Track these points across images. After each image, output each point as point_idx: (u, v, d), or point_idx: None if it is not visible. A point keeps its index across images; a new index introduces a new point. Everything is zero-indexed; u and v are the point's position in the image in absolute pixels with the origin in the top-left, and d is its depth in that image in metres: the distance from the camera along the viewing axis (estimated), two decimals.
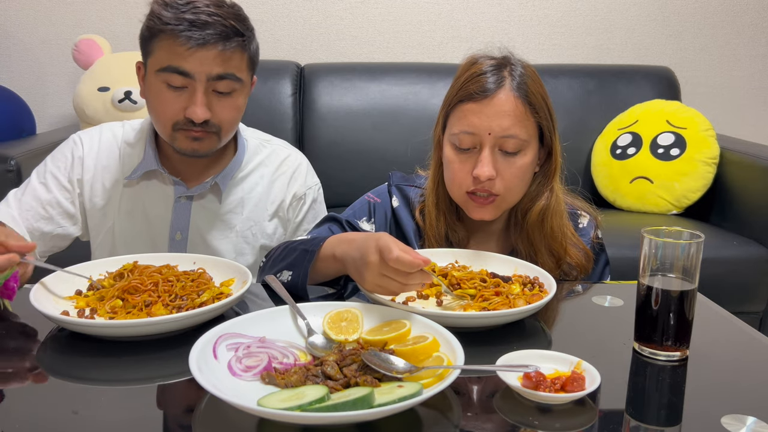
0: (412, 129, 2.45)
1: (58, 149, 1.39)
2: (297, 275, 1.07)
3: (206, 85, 1.21)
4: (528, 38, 2.91)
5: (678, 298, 0.86)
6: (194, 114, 1.20)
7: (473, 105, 1.14)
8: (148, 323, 0.88)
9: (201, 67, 1.19)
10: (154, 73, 1.22)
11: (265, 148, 1.45)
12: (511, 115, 1.12)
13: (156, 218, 1.35)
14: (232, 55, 1.21)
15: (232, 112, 1.27)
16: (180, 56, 1.18)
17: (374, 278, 0.94)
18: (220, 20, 1.19)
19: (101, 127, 1.41)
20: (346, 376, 0.77)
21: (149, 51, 1.23)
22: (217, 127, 1.25)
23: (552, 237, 1.21)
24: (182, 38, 1.17)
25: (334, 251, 1.05)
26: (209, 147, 1.27)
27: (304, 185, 1.45)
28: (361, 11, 2.84)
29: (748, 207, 2.23)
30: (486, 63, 1.17)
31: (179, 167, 1.35)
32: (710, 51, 2.98)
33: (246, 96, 1.30)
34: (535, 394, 0.74)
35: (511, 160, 1.15)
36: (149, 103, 1.26)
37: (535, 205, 1.21)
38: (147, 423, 0.73)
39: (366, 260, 0.94)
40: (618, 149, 2.48)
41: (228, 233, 1.38)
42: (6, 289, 0.98)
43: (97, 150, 1.37)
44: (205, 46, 1.18)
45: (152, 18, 1.21)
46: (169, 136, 1.26)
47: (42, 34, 2.76)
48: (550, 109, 1.18)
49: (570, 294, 1.17)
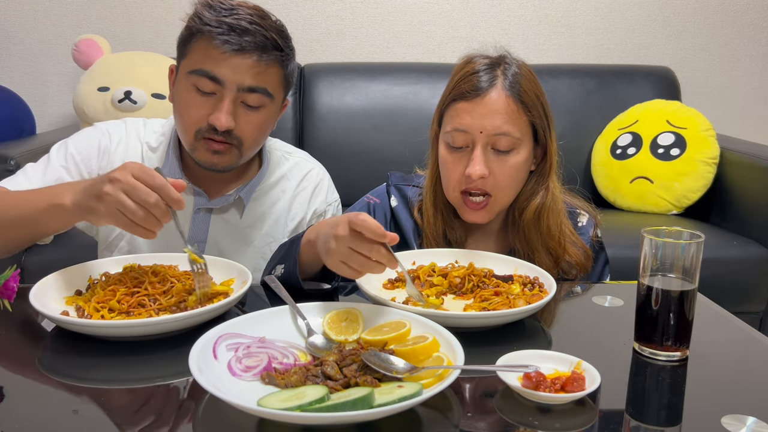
0: (412, 129, 2.45)
1: (82, 134, 1.33)
2: (288, 266, 1.07)
3: (236, 95, 1.17)
4: (528, 38, 2.91)
5: (678, 298, 0.86)
6: (218, 121, 1.16)
7: (465, 104, 1.14)
8: (148, 323, 0.88)
9: (233, 75, 1.15)
10: (185, 75, 1.18)
11: (288, 160, 1.41)
12: (503, 114, 1.13)
13: (173, 228, 1.32)
14: (268, 69, 1.18)
15: (257, 129, 1.22)
16: (214, 60, 1.15)
17: (340, 249, 0.91)
18: (260, 30, 1.16)
19: (125, 122, 1.36)
20: (346, 376, 0.77)
21: (185, 52, 1.20)
22: (239, 140, 1.20)
23: (549, 235, 1.21)
24: (219, 41, 1.14)
25: (310, 235, 1.05)
26: (229, 162, 1.23)
27: (325, 202, 1.42)
28: (362, 11, 2.84)
29: (748, 207, 2.23)
30: (480, 62, 1.17)
31: (202, 177, 1.30)
32: (710, 51, 2.98)
33: (274, 116, 1.26)
34: (535, 394, 0.74)
35: (504, 159, 1.15)
36: (175, 106, 1.23)
37: (530, 203, 1.21)
38: (147, 423, 0.73)
39: (334, 232, 0.92)
40: (618, 149, 2.48)
41: (246, 248, 1.34)
42: (6, 289, 0.98)
43: (125, 147, 1.32)
44: (241, 53, 1.14)
45: (193, 18, 1.18)
46: (190, 145, 1.22)
47: (42, 34, 2.76)
48: (545, 107, 1.18)
49: (570, 294, 1.17)
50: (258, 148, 1.29)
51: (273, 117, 1.26)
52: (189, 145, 1.23)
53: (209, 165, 1.22)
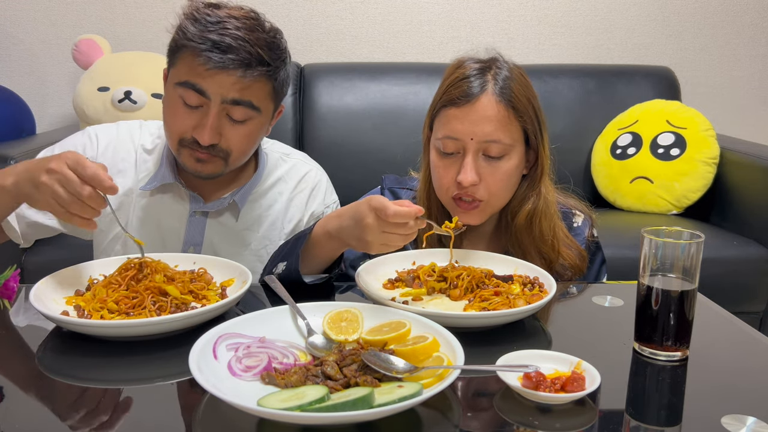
0: (412, 129, 2.44)
1: (69, 140, 1.33)
2: (290, 263, 1.07)
3: (220, 108, 1.16)
4: (528, 38, 2.91)
5: (678, 298, 0.86)
6: (201, 137, 1.16)
7: (456, 110, 1.14)
8: (148, 323, 0.88)
9: (218, 89, 1.14)
10: (173, 86, 1.18)
11: (285, 162, 1.40)
12: (494, 121, 1.12)
13: (169, 231, 1.31)
14: (252, 84, 1.16)
15: (244, 140, 1.21)
16: (198, 75, 1.14)
17: (377, 238, 0.96)
18: (245, 46, 1.13)
19: (118, 125, 1.36)
20: (346, 376, 0.77)
21: (172, 62, 1.20)
22: (225, 152, 1.20)
23: (542, 240, 1.20)
24: (202, 58, 1.13)
25: (327, 229, 1.06)
26: (213, 170, 1.22)
27: (323, 204, 1.41)
28: (362, 11, 2.84)
29: (748, 207, 2.23)
30: (471, 67, 1.16)
31: (196, 181, 1.30)
32: (710, 51, 2.98)
33: (264, 126, 1.25)
34: (535, 394, 0.74)
35: (495, 165, 1.15)
36: (163, 113, 1.23)
37: (522, 208, 1.21)
38: (147, 423, 0.73)
39: (363, 224, 0.96)
40: (618, 149, 2.48)
41: (242, 251, 1.34)
42: (6, 289, 0.98)
43: (113, 151, 1.32)
44: (225, 70, 1.13)
45: (179, 31, 1.17)
46: (175, 150, 1.22)
47: (42, 34, 2.76)
48: (537, 111, 1.18)
49: (570, 294, 1.17)
50: (246, 158, 1.28)
51: (262, 127, 1.24)
52: (174, 151, 1.23)
53: (193, 172, 1.23)
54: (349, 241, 1.02)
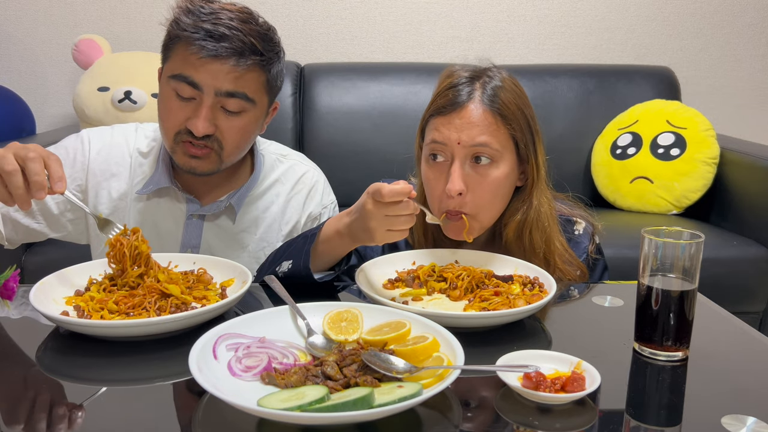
0: (413, 129, 2.42)
1: (62, 144, 1.33)
2: (298, 261, 1.08)
3: (214, 99, 1.16)
4: (528, 38, 2.91)
5: (678, 298, 0.86)
6: (194, 127, 1.16)
7: (443, 118, 1.14)
8: (148, 323, 0.88)
9: (211, 80, 1.15)
10: (166, 80, 1.18)
11: (282, 163, 1.40)
12: (480, 125, 1.12)
13: (166, 234, 1.31)
14: (246, 74, 1.16)
15: (238, 134, 1.21)
16: (192, 66, 1.15)
17: (380, 223, 0.98)
18: (239, 35, 1.14)
19: (113, 129, 1.36)
20: (346, 376, 0.77)
21: (166, 57, 1.20)
22: (219, 144, 1.20)
23: (532, 252, 1.19)
24: (195, 47, 1.13)
25: (337, 228, 1.08)
26: (208, 167, 1.22)
27: (320, 204, 1.41)
28: (362, 11, 2.84)
29: (748, 207, 2.23)
30: (460, 75, 1.16)
31: (192, 183, 1.30)
32: (710, 51, 2.98)
33: (259, 120, 1.24)
34: (535, 395, 0.74)
35: (484, 173, 1.13)
36: (158, 109, 1.23)
37: (511, 220, 1.20)
38: (147, 423, 0.73)
39: (365, 211, 0.99)
40: (618, 149, 2.48)
41: (240, 253, 1.33)
42: (6, 289, 0.99)
43: (107, 155, 1.31)
44: (218, 58, 1.13)
45: (172, 23, 1.18)
46: (170, 147, 1.22)
47: (42, 34, 2.76)
48: (531, 121, 1.17)
49: (570, 294, 1.17)
50: (241, 154, 1.27)
51: (257, 121, 1.24)
52: (169, 148, 1.23)
53: (188, 168, 1.22)
54: (357, 234, 1.04)
